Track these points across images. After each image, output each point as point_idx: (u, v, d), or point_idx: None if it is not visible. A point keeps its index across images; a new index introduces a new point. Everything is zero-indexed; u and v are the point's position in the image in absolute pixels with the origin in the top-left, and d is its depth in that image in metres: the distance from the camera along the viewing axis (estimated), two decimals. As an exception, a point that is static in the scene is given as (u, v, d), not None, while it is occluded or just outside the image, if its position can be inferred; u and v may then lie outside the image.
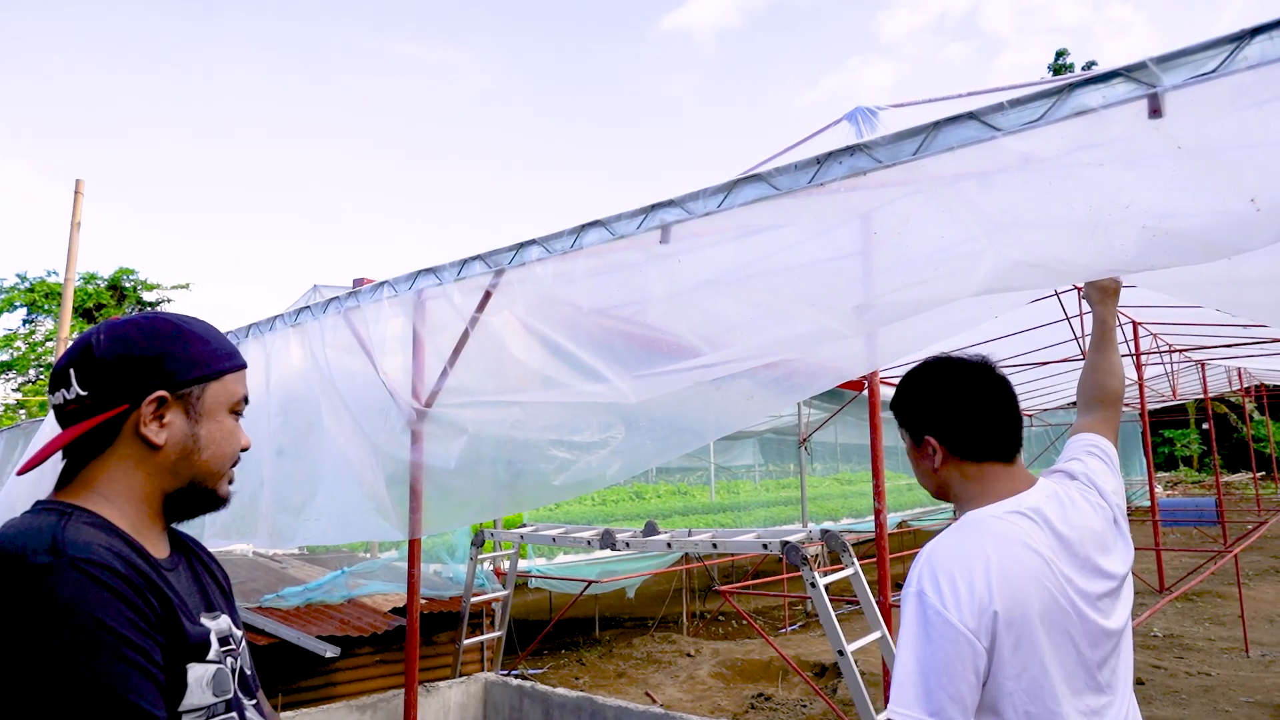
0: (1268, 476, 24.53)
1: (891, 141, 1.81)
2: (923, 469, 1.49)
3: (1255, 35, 1.38)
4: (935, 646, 1.25)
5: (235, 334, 3.68)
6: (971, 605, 1.25)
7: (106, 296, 22.62)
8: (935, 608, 1.26)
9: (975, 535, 1.34)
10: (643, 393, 2.37)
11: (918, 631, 1.27)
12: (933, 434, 1.44)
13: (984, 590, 1.26)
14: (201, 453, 1.12)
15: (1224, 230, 1.47)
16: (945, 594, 1.26)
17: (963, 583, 1.27)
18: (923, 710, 1.23)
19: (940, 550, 1.32)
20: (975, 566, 1.28)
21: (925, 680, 1.24)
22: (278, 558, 7.25)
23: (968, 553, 1.31)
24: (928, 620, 1.26)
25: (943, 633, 1.25)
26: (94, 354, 1.07)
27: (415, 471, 3.15)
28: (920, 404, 1.47)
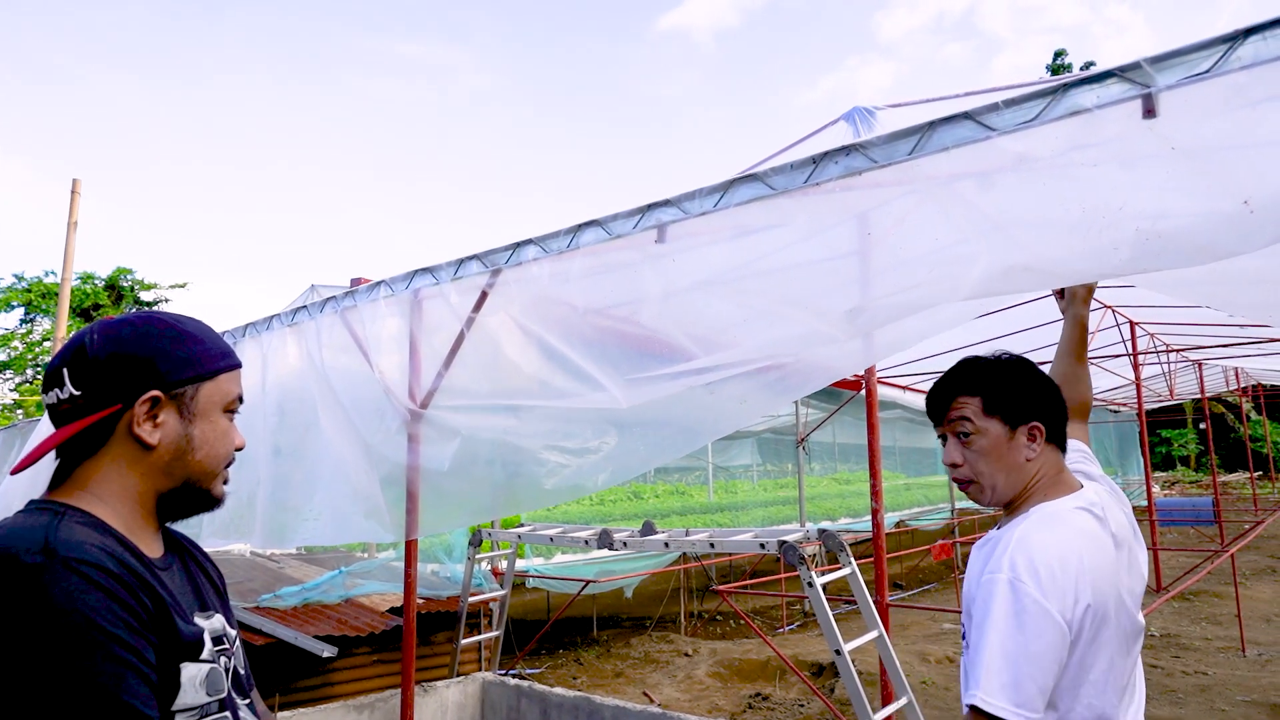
0: (1265, 476, 24.57)
1: (887, 141, 1.81)
2: (1013, 459, 1.47)
3: (1249, 35, 1.38)
4: (1029, 636, 1.25)
5: (232, 333, 3.67)
6: (1069, 596, 1.27)
7: (104, 296, 22.59)
8: (1033, 597, 1.26)
9: (1064, 528, 1.36)
10: (635, 398, 2.37)
11: (1011, 620, 1.26)
12: (1042, 419, 1.47)
13: (1079, 582, 1.29)
14: (195, 452, 1.11)
15: (1217, 233, 1.47)
16: (1044, 583, 1.27)
17: (1060, 573, 1.28)
18: (1009, 701, 1.23)
19: (1034, 540, 1.33)
20: (1070, 559, 1.30)
21: (1015, 670, 1.24)
22: (275, 558, 7.24)
23: (1062, 545, 1.32)
24: (1024, 609, 1.26)
25: (1039, 622, 1.25)
26: (87, 353, 1.06)
27: (411, 473, 3.15)
28: (1032, 392, 1.48)
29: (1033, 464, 1.46)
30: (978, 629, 1.31)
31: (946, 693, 6.51)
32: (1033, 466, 1.46)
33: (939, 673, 7.06)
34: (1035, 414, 1.46)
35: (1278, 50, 1.35)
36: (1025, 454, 1.46)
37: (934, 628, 9.01)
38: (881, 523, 3.76)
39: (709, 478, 12.68)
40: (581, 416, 2.62)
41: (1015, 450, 1.46)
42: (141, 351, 1.08)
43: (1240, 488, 23.87)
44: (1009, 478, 1.47)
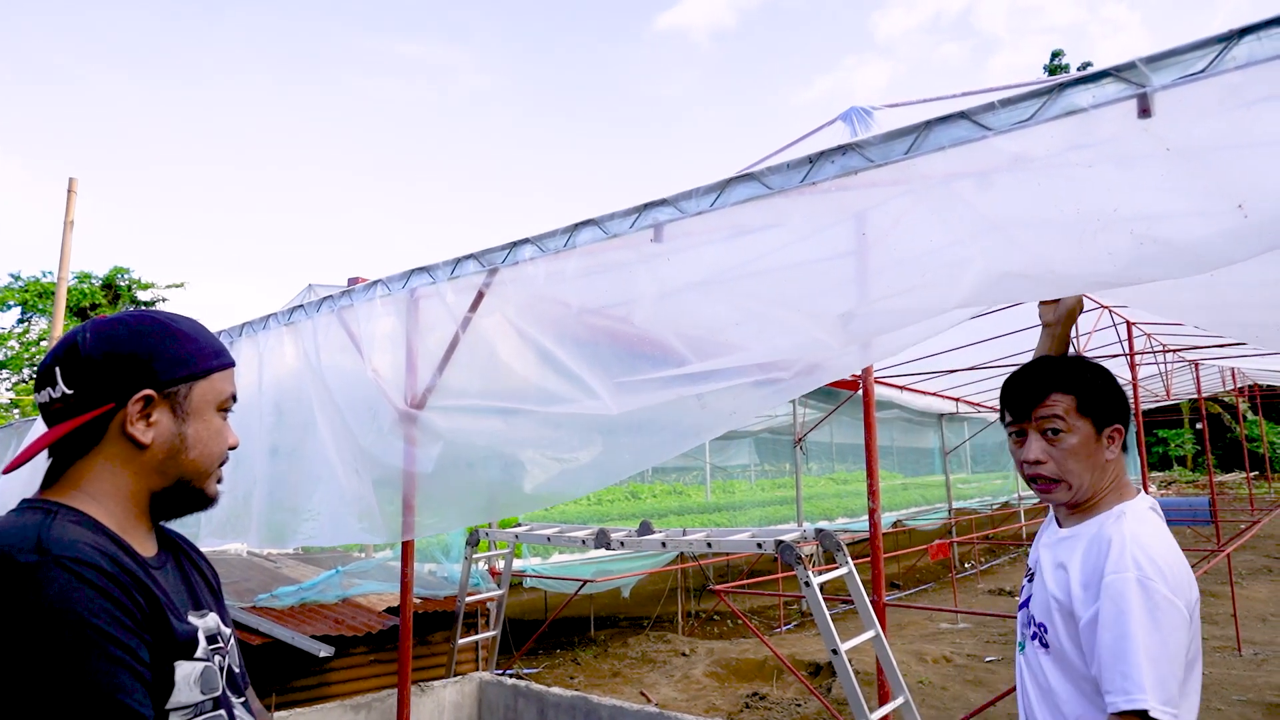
0: (1261, 476, 24.63)
1: (883, 141, 1.81)
2: (1097, 460, 1.51)
3: (1244, 35, 1.38)
4: (1165, 633, 1.27)
5: (229, 333, 3.67)
6: (1188, 591, 1.32)
7: (101, 296, 22.54)
8: (1164, 594, 1.28)
9: (1161, 526, 1.42)
10: (626, 404, 2.37)
11: (1148, 619, 1.27)
12: (1120, 420, 1.54)
13: (1190, 577, 1.34)
14: (189, 452, 1.11)
15: (1211, 238, 1.47)
16: (1170, 580, 1.30)
17: (1179, 569, 1.33)
18: (1159, 700, 1.24)
19: (1148, 538, 1.36)
20: (1179, 555, 1.36)
21: (1158, 670, 1.25)
22: (272, 557, 7.24)
23: (1171, 542, 1.37)
24: (1157, 606, 1.28)
25: (1172, 619, 1.28)
26: (80, 352, 1.06)
27: (405, 474, 3.14)
28: (1118, 396, 1.54)
29: (1111, 466, 1.52)
30: (1110, 630, 1.30)
31: (943, 692, 6.52)
32: (1111, 468, 1.52)
33: (936, 672, 7.07)
34: (1119, 417, 1.53)
35: (1273, 50, 1.35)
36: (1106, 455, 1.51)
37: (931, 627, 9.02)
38: (878, 522, 3.76)
39: (706, 477, 12.67)
40: (571, 422, 2.62)
41: (1099, 451, 1.51)
42: (134, 350, 1.08)
43: (1237, 488, 23.92)
44: (1093, 477, 1.51)
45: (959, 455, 15.41)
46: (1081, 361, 1.59)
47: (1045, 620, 1.46)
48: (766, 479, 13.20)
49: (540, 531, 5.37)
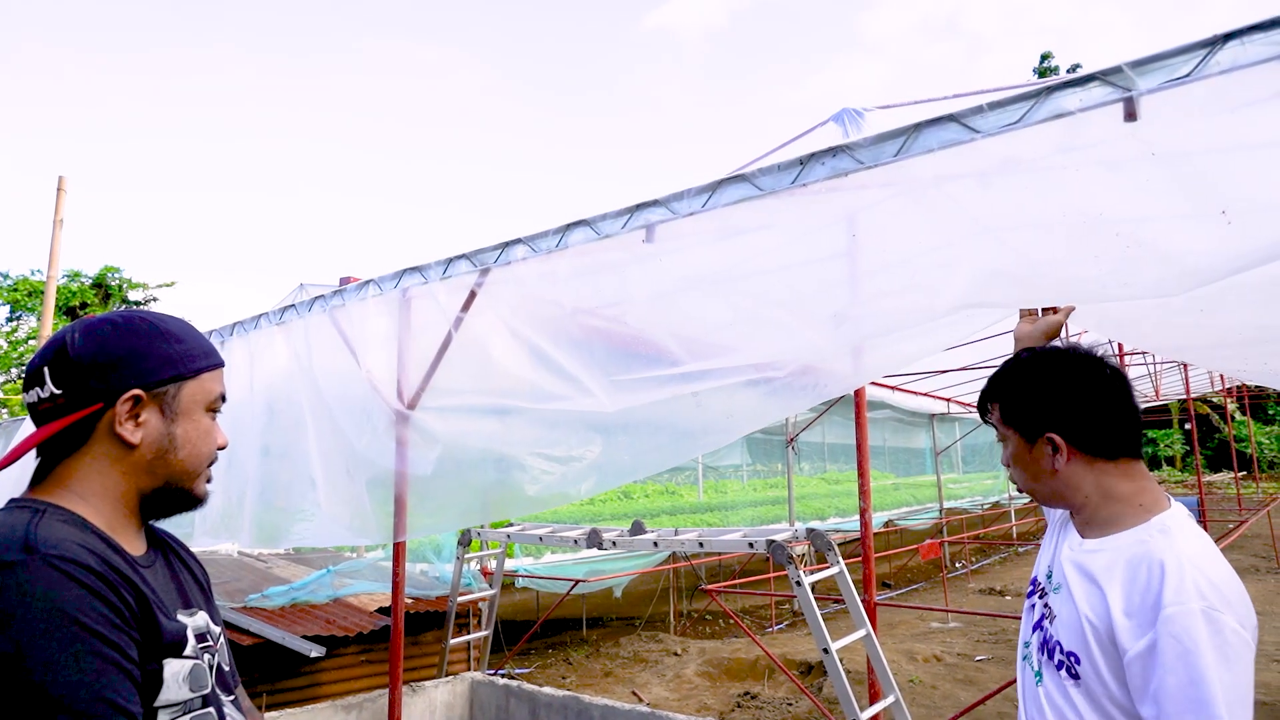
0: (1248, 476, 24.80)
1: (873, 143, 1.82)
2: (1035, 470, 1.36)
3: (1228, 40, 1.40)
4: (1238, 672, 1.10)
5: (220, 332, 3.66)
6: (1250, 616, 1.15)
7: (91, 295, 22.41)
8: (1233, 628, 1.11)
9: (1210, 542, 1.23)
10: (621, 402, 2.37)
11: (1219, 658, 1.09)
12: (1057, 430, 1.31)
13: (1247, 598, 1.18)
14: (178, 452, 1.11)
15: (1196, 244, 1.49)
16: (1238, 609, 1.13)
17: (1241, 594, 1.16)
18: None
19: (1205, 560, 1.18)
20: (1233, 574, 1.18)
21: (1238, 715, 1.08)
22: (263, 557, 7.22)
23: (1225, 562, 1.19)
24: (1228, 643, 1.10)
25: (1243, 655, 1.11)
26: (68, 353, 1.06)
27: (398, 475, 3.14)
28: (1040, 397, 1.33)
29: (1065, 476, 1.32)
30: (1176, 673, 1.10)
31: (934, 691, 6.55)
32: (1072, 478, 1.32)
33: (926, 671, 7.10)
34: (1047, 424, 1.32)
35: (1257, 55, 1.37)
36: (1049, 466, 1.33)
37: (922, 627, 9.06)
38: (870, 522, 3.78)
39: (699, 477, 12.69)
40: (567, 421, 2.62)
41: (1040, 460, 1.34)
42: (123, 351, 1.08)
43: (1225, 487, 24.09)
44: (1045, 487, 1.36)
45: (950, 455, 15.48)
46: (1017, 361, 1.41)
47: (1078, 649, 1.25)
48: (759, 479, 13.23)
49: (532, 531, 5.37)
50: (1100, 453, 1.31)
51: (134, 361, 1.08)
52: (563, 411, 2.56)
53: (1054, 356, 1.36)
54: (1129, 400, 1.32)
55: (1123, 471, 1.32)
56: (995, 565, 14.03)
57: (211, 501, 3.56)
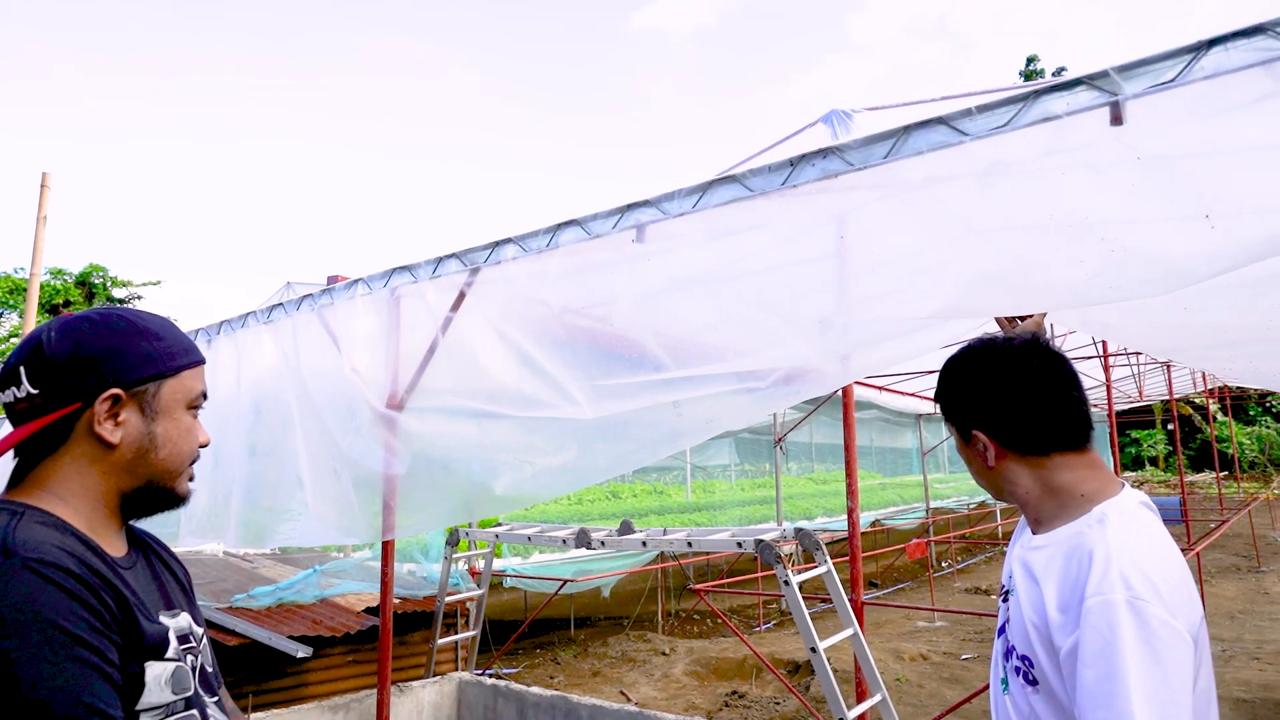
0: (1230, 476, 25.08)
1: (863, 145, 1.84)
2: (977, 467, 1.31)
3: (1213, 46, 1.42)
4: (1169, 667, 1.01)
5: (207, 331, 3.63)
6: (1190, 608, 1.07)
7: (76, 293, 22.18)
8: (1162, 618, 1.02)
9: (1149, 531, 1.15)
10: (602, 409, 2.37)
11: (1145, 651, 1.01)
12: (980, 428, 1.26)
13: (1189, 588, 1.09)
14: (158, 451, 1.10)
15: (1179, 248, 1.51)
16: (1168, 599, 1.04)
17: (1179, 583, 1.08)
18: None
19: (1133, 549, 1.09)
20: (1172, 563, 1.10)
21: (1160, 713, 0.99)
22: (249, 557, 7.17)
23: (1166, 550, 1.12)
24: (1154, 634, 1.01)
25: (1174, 647, 1.02)
26: (45, 352, 1.04)
27: (385, 475, 3.13)
28: (964, 395, 1.29)
29: (999, 473, 1.27)
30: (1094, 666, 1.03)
31: (920, 690, 6.58)
32: (1002, 475, 1.27)
33: (913, 670, 7.14)
34: (972, 421, 1.27)
35: (1240, 61, 1.39)
36: (984, 462, 1.28)
37: (908, 626, 9.11)
38: (857, 522, 3.80)
39: (687, 477, 12.71)
40: (547, 428, 2.63)
41: (975, 459, 1.30)
42: (100, 349, 1.05)
43: (1207, 487, 24.35)
44: (989, 483, 1.31)
45: (936, 455, 15.57)
46: (952, 358, 1.34)
47: (1029, 652, 1.17)
48: (747, 479, 13.26)
49: (521, 531, 5.37)
50: (1028, 449, 1.24)
51: (112, 360, 1.06)
52: (543, 420, 2.57)
53: (980, 352, 1.30)
54: (1058, 392, 1.24)
55: (1060, 464, 1.24)
56: (981, 564, 14.13)
57: (197, 501, 3.53)
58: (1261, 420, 29.11)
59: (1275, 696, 6.04)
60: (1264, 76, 1.38)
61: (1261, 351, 2.04)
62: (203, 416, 1.19)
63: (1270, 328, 1.91)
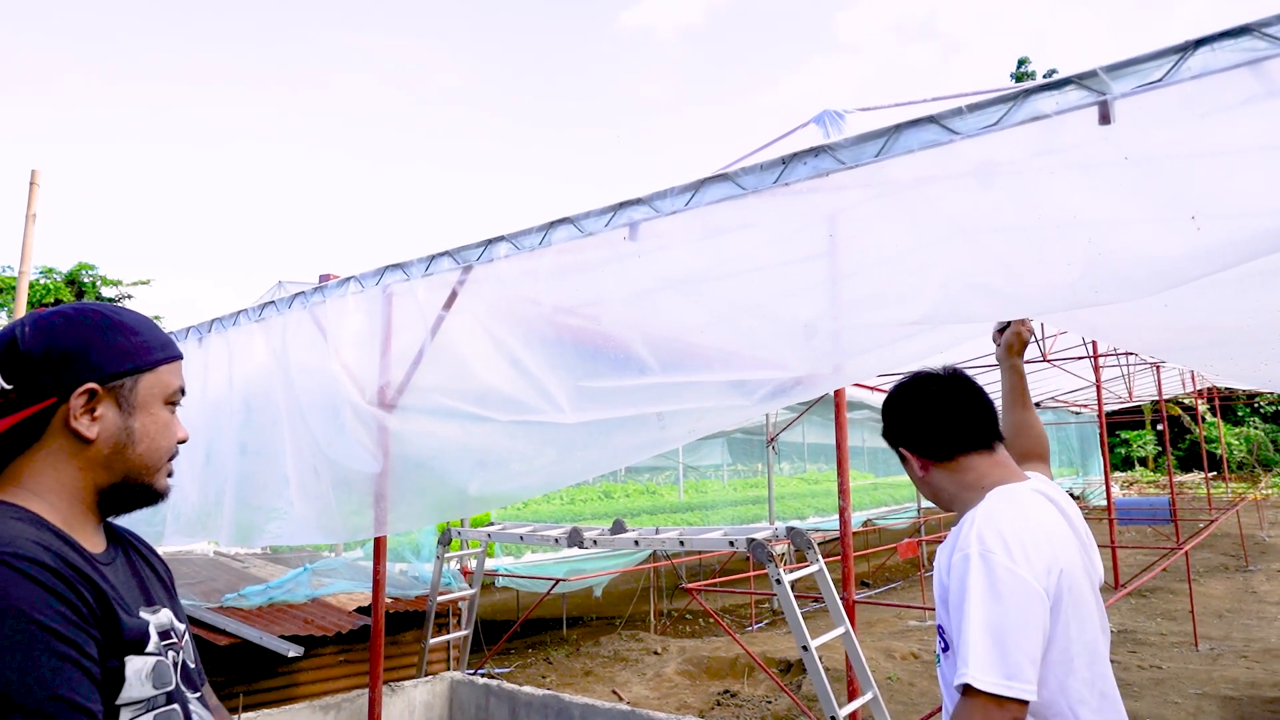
0: (1218, 476, 25.25)
1: (855, 143, 1.85)
2: (915, 480, 1.55)
3: (1199, 46, 1.43)
4: (1009, 605, 1.23)
5: (199, 329, 3.62)
6: (1041, 562, 1.27)
7: (65, 292, 22.04)
8: (1005, 565, 1.25)
9: (1020, 503, 1.37)
10: (584, 415, 2.38)
11: (987, 592, 1.24)
12: (905, 445, 1.52)
13: (1048, 549, 1.29)
14: (135, 446, 1.09)
15: (1165, 249, 1.52)
16: (1015, 551, 1.26)
17: (1029, 541, 1.28)
18: (1001, 675, 1.20)
19: (994, 514, 1.33)
20: (1034, 527, 1.31)
21: (1000, 643, 1.22)
22: (239, 557, 7.14)
23: (1027, 513, 1.34)
24: (998, 579, 1.24)
25: (1015, 589, 1.24)
26: (19, 347, 1.03)
27: (366, 474, 3.11)
28: (891, 421, 1.56)
29: (928, 481, 1.51)
30: (956, 610, 1.28)
31: (911, 688, 6.61)
32: (930, 482, 1.51)
33: (904, 669, 7.17)
34: (900, 441, 1.53)
35: (1226, 61, 1.40)
36: (915, 472, 1.53)
37: (900, 625, 9.14)
38: (849, 521, 3.81)
39: (679, 477, 12.72)
40: (528, 433, 2.64)
41: (909, 469, 1.54)
42: (75, 344, 1.05)
43: (1195, 488, 24.51)
44: (925, 493, 1.55)
45: (928, 455, 15.59)
46: (888, 395, 1.59)
47: (942, 621, 1.39)
48: (739, 478, 13.28)
49: (513, 530, 5.36)
50: (939, 456, 1.48)
51: (87, 354, 1.05)
52: (526, 424, 2.58)
53: (899, 386, 1.57)
54: (953, 408, 1.48)
55: (967, 464, 1.47)
56: (972, 564, 14.19)
57: (187, 499, 3.49)
58: (1249, 421, 29.32)
59: (1263, 694, 6.09)
60: (1250, 77, 1.39)
61: (1242, 351, 2.06)
62: (195, 414, 1.19)
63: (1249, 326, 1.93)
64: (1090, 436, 21.05)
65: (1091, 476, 21.73)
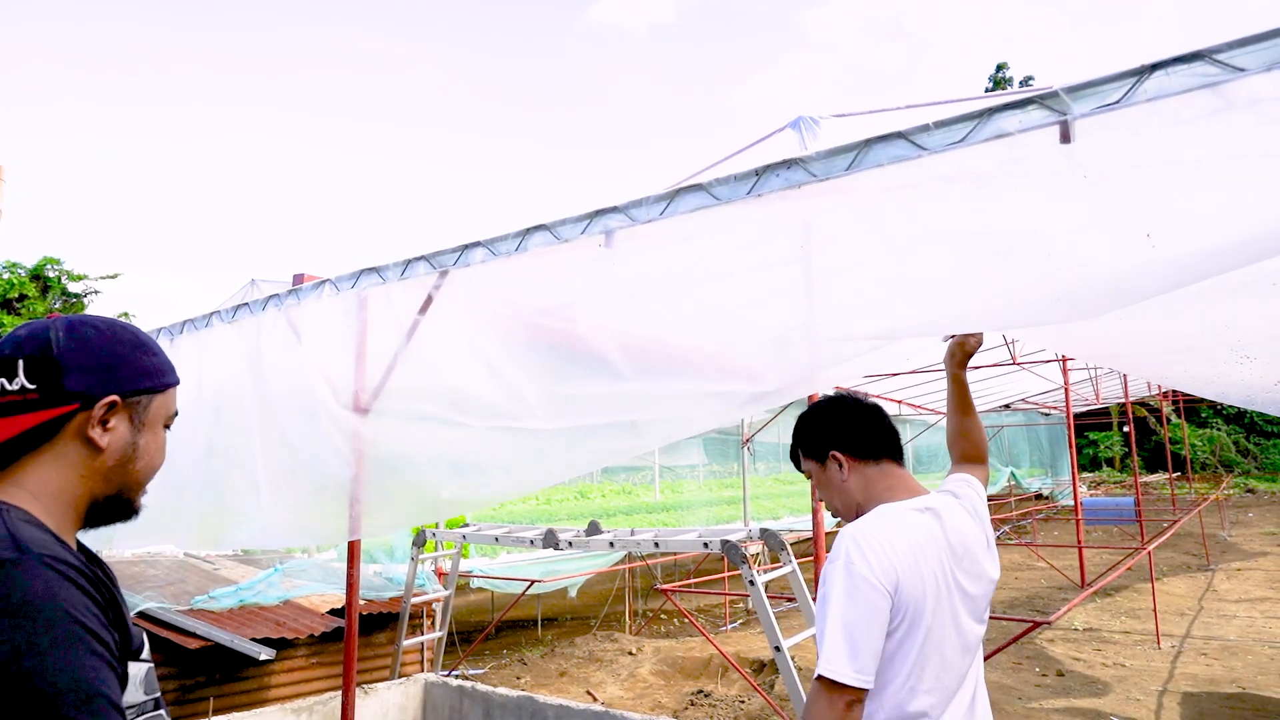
0: (1182, 477, 25.80)
1: (826, 156, 1.88)
2: (833, 487, 1.71)
3: (1154, 70, 1.49)
4: (859, 606, 1.42)
5: (170, 330, 3.58)
6: (887, 569, 1.45)
7: (30, 287, 21.57)
8: (860, 573, 1.44)
9: (888, 519, 1.55)
10: (559, 422, 2.40)
11: (844, 595, 1.43)
12: (836, 447, 1.69)
13: (896, 560, 1.46)
14: (137, 461, 1.12)
15: (1121, 265, 1.57)
16: (870, 560, 1.45)
17: (882, 551, 1.46)
18: (849, 667, 1.38)
19: (861, 528, 1.52)
20: (892, 539, 1.49)
21: (851, 638, 1.40)
22: (209, 558, 7.06)
23: (884, 529, 1.51)
24: (854, 585, 1.43)
25: (865, 593, 1.42)
26: (52, 350, 1.05)
27: (341, 478, 3.11)
28: (820, 429, 1.73)
29: (852, 482, 1.68)
30: (820, 609, 1.47)
31: (882, 687, 6.69)
32: (854, 483, 1.68)
33: (875, 668, 7.25)
34: (831, 444, 1.70)
35: (1180, 85, 1.46)
36: (839, 478, 1.69)
37: (872, 624, 9.23)
38: (822, 522, 3.86)
39: (655, 477, 12.76)
40: (501, 439, 2.65)
41: (832, 478, 1.70)
42: (108, 355, 1.09)
43: (1160, 488, 25.03)
44: (840, 498, 1.71)
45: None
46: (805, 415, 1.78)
47: None
48: (715, 479, 13.35)
49: (488, 532, 5.36)
50: (868, 455, 1.67)
51: (116, 368, 1.09)
52: (499, 430, 2.59)
53: (824, 402, 1.76)
54: (879, 419, 1.71)
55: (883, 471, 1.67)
56: (943, 563, 14.38)
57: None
58: (1213, 422, 29.98)
59: (1221, 690, 6.25)
60: (1207, 99, 1.45)
61: (1194, 357, 2.13)
62: None
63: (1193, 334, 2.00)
64: (1059, 438, 21.42)
65: (1061, 477, 22.12)
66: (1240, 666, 6.90)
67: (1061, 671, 6.98)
